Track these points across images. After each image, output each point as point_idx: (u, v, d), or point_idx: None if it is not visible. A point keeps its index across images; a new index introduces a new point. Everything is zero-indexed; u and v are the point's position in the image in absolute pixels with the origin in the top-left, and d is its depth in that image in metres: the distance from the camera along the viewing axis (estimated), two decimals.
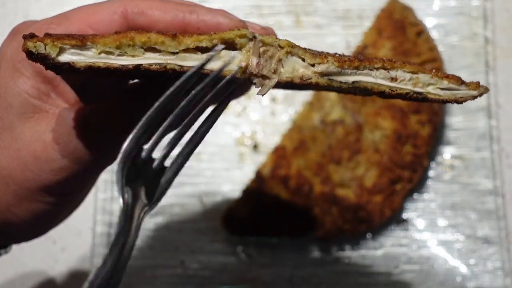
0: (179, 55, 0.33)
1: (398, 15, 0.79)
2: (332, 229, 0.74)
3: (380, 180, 0.74)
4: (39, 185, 0.39)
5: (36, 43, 0.31)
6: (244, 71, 0.35)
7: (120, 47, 0.32)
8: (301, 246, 0.78)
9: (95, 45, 0.32)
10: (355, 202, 0.74)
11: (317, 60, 0.35)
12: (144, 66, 0.33)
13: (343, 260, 0.78)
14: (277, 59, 0.36)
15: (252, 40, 0.35)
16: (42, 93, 0.39)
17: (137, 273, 0.77)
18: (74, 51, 0.32)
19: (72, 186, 0.42)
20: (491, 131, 0.81)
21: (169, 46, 0.33)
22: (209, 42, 0.34)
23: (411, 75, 0.38)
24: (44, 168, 0.39)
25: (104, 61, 0.32)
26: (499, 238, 0.78)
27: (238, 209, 0.75)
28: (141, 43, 0.33)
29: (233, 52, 0.34)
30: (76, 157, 0.38)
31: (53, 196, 0.41)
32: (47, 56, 0.31)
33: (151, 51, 0.33)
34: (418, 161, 0.75)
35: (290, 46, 0.36)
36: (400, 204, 0.76)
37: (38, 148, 0.38)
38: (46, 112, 0.39)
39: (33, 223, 0.42)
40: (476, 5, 0.84)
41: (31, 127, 0.39)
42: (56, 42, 0.31)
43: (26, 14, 0.87)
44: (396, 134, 0.75)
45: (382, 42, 0.78)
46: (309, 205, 0.74)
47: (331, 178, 0.75)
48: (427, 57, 0.77)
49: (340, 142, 0.75)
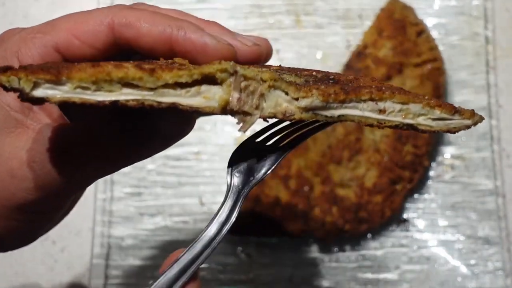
0: (158, 91, 0.32)
1: (398, 14, 0.78)
2: (333, 229, 0.74)
3: (381, 180, 0.74)
4: (14, 204, 0.38)
5: (10, 78, 0.30)
6: (224, 108, 0.33)
7: (97, 83, 0.31)
8: (301, 246, 0.78)
9: (71, 80, 0.31)
10: (355, 202, 0.74)
11: (301, 94, 0.34)
12: (122, 102, 0.32)
13: (343, 260, 0.78)
14: (259, 93, 0.34)
15: (233, 75, 0.33)
16: (24, 106, 0.37)
17: (137, 273, 0.77)
18: (48, 85, 0.31)
19: (48, 205, 0.40)
20: (492, 131, 0.81)
21: (147, 82, 0.32)
22: (189, 78, 0.33)
23: (400, 106, 0.35)
24: (20, 187, 0.37)
25: (79, 97, 0.31)
26: (500, 238, 0.78)
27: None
28: (118, 78, 0.32)
29: (213, 88, 0.33)
30: (51, 177, 0.37)
31: (28, 214, 0.39)
32: (21, 90, 0.30)
33: (128, 87, 0.32)
34: (419, 161, 0.75)
35: (273, 80, 0.34)
36: (400, 204, 0.76)
37: (15, 165, 0.37)
38: (27, 127, 0.38)
39: (8, 239, 0.41)
40: (476, 4, 0.84)
41: (11, 143, 0.37)
42: (30, 77, 0.30)
43: (26, 14, 0.87)
44: (397, 134, 0.75)
45: (382, 41, 0.77)
46: (309, 205, 0.74)
47: (331, 178, 0.74)
48: (427, 56, 0.77)
49: (341, 142, 0.75)
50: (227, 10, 0.86)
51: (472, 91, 0.82)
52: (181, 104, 0.33)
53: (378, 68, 0.76)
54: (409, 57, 0.76)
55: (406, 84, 0.76)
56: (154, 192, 0.80)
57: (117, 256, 0.77)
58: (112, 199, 0.79)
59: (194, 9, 0.85)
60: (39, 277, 0.79)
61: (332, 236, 0.75)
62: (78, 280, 0.79)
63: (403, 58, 0.76)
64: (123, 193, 0.79)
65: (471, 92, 0.82)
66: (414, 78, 0.76)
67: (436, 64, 0.77)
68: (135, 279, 0.77)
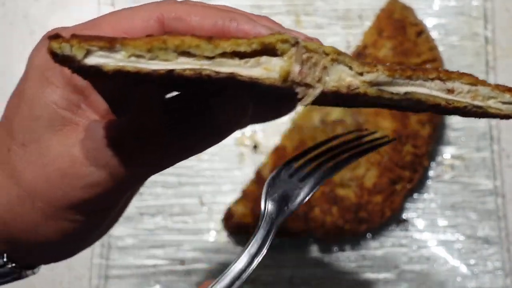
0: (215, 60, 0.30)
1: (398, 15, 0.79)
2: (332, 229, 0.74)
3: (380, 180, 0.74)
4: (67, 203, 0.36)
5: (62, 44, 0.28)
6: (285, 79, 0.32)
7: (152, 51, 0.30)
8: (301, 246, 0.78)
9: (125, 47, 0.29)
10: (355, 202, 0.74)
11: (365, 68, 0.33)
12: (178, 71, 0.30)
13: (343, 260, 0.78)
14: (321, 66, 0.33)
15: (295, 46, 0.32)
16: (72, 104, 0.36)
17: (137, 273, 0.77)
18: (102, 53, 0.29)
19: (101, 203, 0.38)
20: (492, 131, 0.81)
21: (205, 50, 0.30)
22: (248, 47, 0.31)
23: (469, 87, 0.34)
24: (72, 185, 0.36)
25: (134, 65, 0.29)
26: (500, 238, 0.78)
27: (238, 209, 0.75)
28: (174, 46, 0.30)
29: (273, 59, 0.32)
30: (107, 172, 0.35)
31: (82, 215, 0.38)
32: (73, 58, 0.28)
33: (185, 56, 0.30)
34: (418, 161, 0.75)
35: (336, 53, 0.33)
36: (400, 204, 0.76)
37: (66, 164, 0.35)
38: (75, 124, 0.36)
39: (61, 243, 0.39)
40: (476, 4, 0.84)
41: (60, 141, 0.36)
42: (83, 44, 0.28)
43: (26, 14, 0.87)
44: (396, 134, 0.75)
45: (382, 42, 0.77)
46: (309, 205, 0.74)
47: (331, 178, 0.74)
48: (427, 57, 0.77)
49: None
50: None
51: None
52: (240, 74, 0.31)
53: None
54: (409, 57, 0.77)
55: None
56: (154, 192, 0.80)
57: (117, 256, 0.77)
58: None
59: None
60: (39, 277, 0.79)
61: (332, 236, 0.75)
62: (78, 280, 0.78)
63: (403, 58, 0.76)
64: None
65: None
66: None
67: (435, 64, 0.77)
68: (135, 279, 0.77)
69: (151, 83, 0.37)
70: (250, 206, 0.75)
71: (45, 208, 0.37)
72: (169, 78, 0.31)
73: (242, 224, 0.75)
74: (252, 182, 0.76)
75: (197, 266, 0.78)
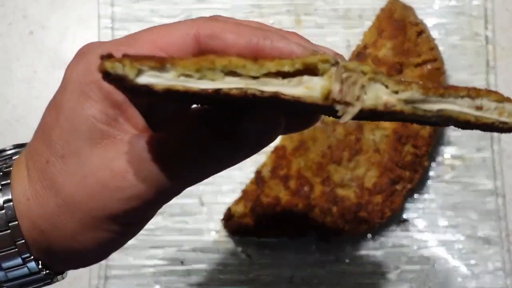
0: (260, 80, 0.32)
1: (398, 14, 0.78)
2: (333, 229, 0.74)
3: (381, 180, 0.74)
4: (106, 214, 0.37)
5: (115, 64, 0.29)
6: (326, 98, 0.33)
7: (200, 70, 0.31)
8: (301, 246, 0.78)
9: (175, 67, 0.30)
10: (355, 203, 0.74)
11: (400, 87, 0.34)
12: (224, 90, 0.31)
13: (343, 260, 0.78)
14: (360, 85, 0.34)
15: (335, 66, 0.33)
16: (110, 118, 0.37)
17: (137, 273, 0.77)
18: (152, 73, 0.30)
19: (139, 215, 0.40)
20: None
21: (250, 70, 0.32)
22: (291, 67, 0.32)
23: (496, 104, 0.36)
24: (113, 197, 0.37)
25: (183, 84, 0.31)
26: (500, 238, 0.78)
27: (238, 209, 0.75)
28: (221, 66, 0.31)
29: (314, 78, 0.33)
30: (148, 185, 0.36)
31: (119, 225, 0.39)
32: (125, 77, 0.29)
33: (231, 75, 0.32)
34: (419, 161, 0.75)
35: (373, 72, 0.34)
36: (400, 205, 0.75)
37: (107, 176, 0.36)
38: (114, 138, 0.37)
39: (96, 251, 0.40)
40: (476, 4, 0.84)
41: (99, 154, 0.37)
42: (135, 64, 0.29)
43: (25, 14, 0.87)
44: (397, 134, 0.74)
45: (382, 41, 0.77)
46: (310, 206, 0.74)
47: (332, 178, 0.74)
48: (427, 56, 0.77)
49: (341, 142, 0.75)
50: (227, 10, 0.85)
51: None
52: (284, 93, 0.32)
53: (378, 68, 0.76)
54: (409, 57, 0.76)
55: None
56: None
57: (117, 256, 0.77)
58: None
59: (194, 9, 0.85)
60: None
61: (332, 236, 0.75)
62: (78, 280, 0.78)
63: (403, 58, 0.76)
64: None
65: None
66: (414, 78, 0.76)
67: (436, 64, 0.77)
68: (135, 279, 0.77)
69: (194, 101, 0.37)
70: (250, 206, 0.74)
71: (84, 218, 0.38)
72: (214, 97, 0.32)
73: (242, 224, 0.75)
74: (252, 182, 0.76)
75: (197, 267, 0.78)
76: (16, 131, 0.84)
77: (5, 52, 0.85)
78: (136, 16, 0.84)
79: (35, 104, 0.83)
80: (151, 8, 0.84)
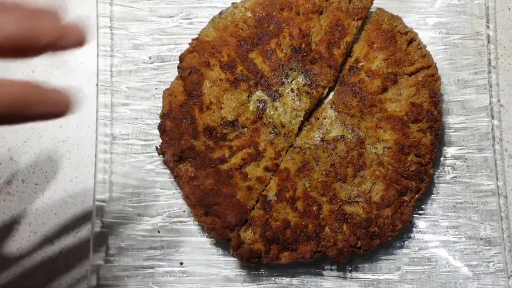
0: None
1: (386, 25, 0.77)
2: (345, 247, 0.73)
3: (388, 193, 0.73)
4: None
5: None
6: None
7: None
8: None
9: None
10: (365, 218, 0.72)
11: None
12: None
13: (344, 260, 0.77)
14: None
15: None
16: None
17: (137, 273, 0.77)
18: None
19: None
20: (493, 131, 0.80)
21: None
22: None
23: None
24: None
25: None
26: (502, 239, 0.77)
27: (247, 235, 0.73)
28: None
29: None
30: None
31: None
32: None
33: None
34: (424, 170, 0.74)
35: None
36: (410, 216, 0.74)
37: None
38: None
39: None
40: (478, 3, 0.83)
41: None
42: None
43: None
44: (399, 145, 0.73)
45: (374, 53, 0.76)
46: (320, 226, 0.73)
47: (338, 196, 0.73)
48: (420, 64, 0.76)
49: (343, 159, 0.74)
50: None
51: (474, 91, 0.81)
52: None
53: (372, 81, 0.75)
54: (402, 67, 0.75)
55: (402, 93, 0.75)
56: (153, 193, 0.79)
57: (117, 256, 0.77)
58: (111, 199, 0.78)
59: (194, 9, 0.84)
60: (39, 277, 0.79)
61: (345, 255, 0.73)
62: (77, 280, 0.78)
63: (397, 68, 0.75)
64: (122, 194, 0.79)
65: (472, 91, 0.81)
66: (410, 87, 0.75)
67: (430, 71, 0.76)
68: (135, 279, 0.77)
69: None
70: (259, 231, 0.73)
71: None
72: None
73: (253, 251, 0.73)
74: (258, 208, 0.74)
75: (196, 268, 0.77)
76: (15, 131, 0.83)
77: None
78: (135, 15, 0.83)
79: None
80: (150, 7, 0.84)
